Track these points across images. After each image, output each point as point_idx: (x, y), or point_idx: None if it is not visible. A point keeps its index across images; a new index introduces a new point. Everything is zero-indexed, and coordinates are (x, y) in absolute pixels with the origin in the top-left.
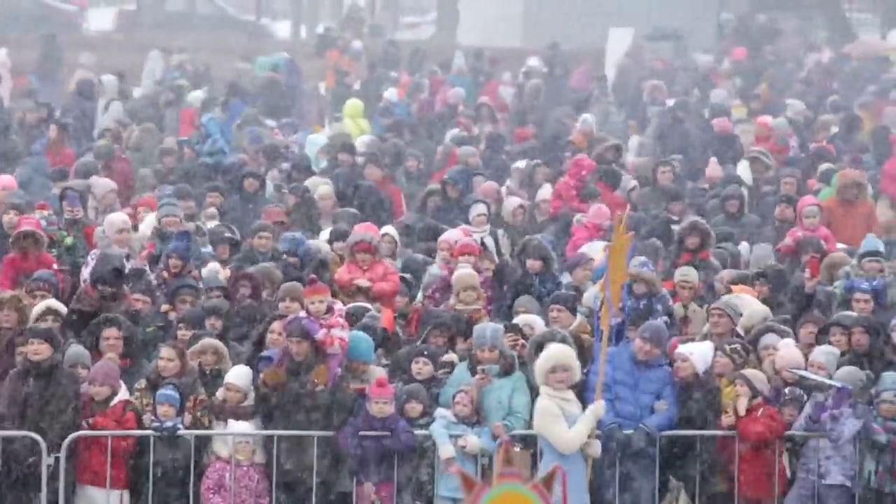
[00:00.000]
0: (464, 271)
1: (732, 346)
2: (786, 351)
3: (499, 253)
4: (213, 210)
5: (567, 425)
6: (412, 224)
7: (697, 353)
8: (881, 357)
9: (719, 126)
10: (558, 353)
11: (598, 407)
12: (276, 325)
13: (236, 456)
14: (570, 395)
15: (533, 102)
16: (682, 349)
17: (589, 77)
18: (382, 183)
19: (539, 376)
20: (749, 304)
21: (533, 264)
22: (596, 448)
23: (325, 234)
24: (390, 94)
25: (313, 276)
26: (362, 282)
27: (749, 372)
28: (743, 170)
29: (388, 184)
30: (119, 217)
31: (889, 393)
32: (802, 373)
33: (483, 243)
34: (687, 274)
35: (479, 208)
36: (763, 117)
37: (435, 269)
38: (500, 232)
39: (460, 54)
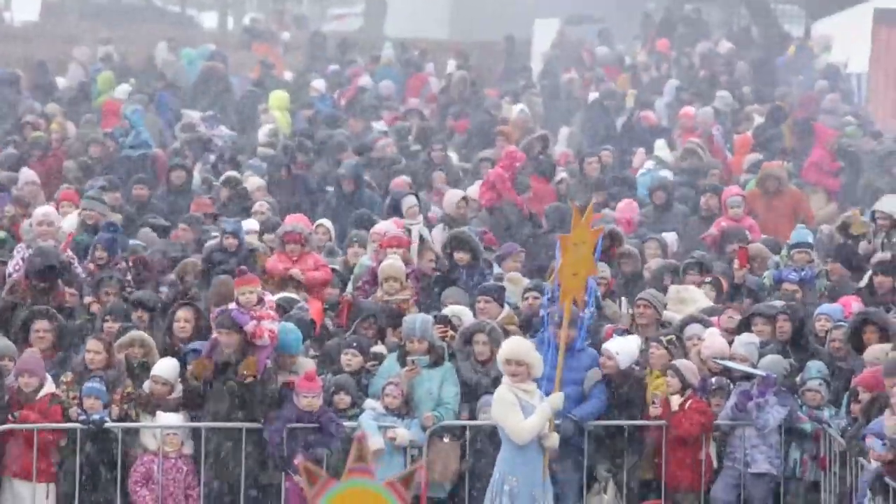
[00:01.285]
0: (388, 262)
1: (668, 337)
2: (711, 340)
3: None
4: None
5: (523, 416)
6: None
7: (624, 353)
8: (804, 346)
9: (647, 118)
10: (514, 345)
11: (555, 398)
12: (182, 314)
13: (164, 448)
14: (532, 386)
15: (461, 93)
16: (610, 346)
17: (509, 70)
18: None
19: (500, 366)
20: (696, 298)
21: (461, 256)
22: (554, 440)
23: (249, 223)
24: (318, 84)
25: (243, 266)
26: (296, 272)
27: (680, 363)
28: (660, 149)
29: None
30: (41, 210)
31: (814, 382)
32: (727, 363)
33: (421, 236)
34: (602, 271)
35: (410, 200)
36: (686, 108)
37: (365, 261)
38: (441, 225)
39: (389, 45)
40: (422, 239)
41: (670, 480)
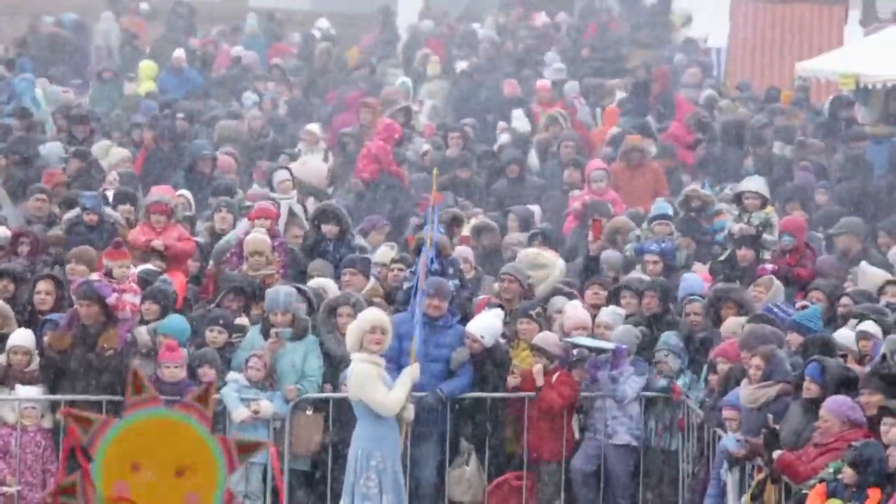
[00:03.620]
0: (252, 236)
1: (536, 310)
2: (573, 312)
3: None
4: None
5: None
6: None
7: (488, 333)
8: (666, 319)
9: (509, 89)
10: (379, 314)
11: (413, 369)
12: (42, 285)
13: (22, 421)
14: (382, 360)
15: (324, 65)
16: (473, 329)
17: (377, 42)
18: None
19: (353, 340)
20: (551, 261)
21: (330, 229)
22: (411, 412)
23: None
24: (179, 53)
25: (118, 239)
26: (157, 243)
27: (542, 337)
28: (517, 119)
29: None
30: None
31: (663, 353)
32: (576, 340)
33: (291, 210)
34: (462, 253)
35: (282, 174)
36: (543, 81)
37: (231, 235)
38: (311, 199)
39: (253, 16)
40: (292, 213)
41: (532, 452)
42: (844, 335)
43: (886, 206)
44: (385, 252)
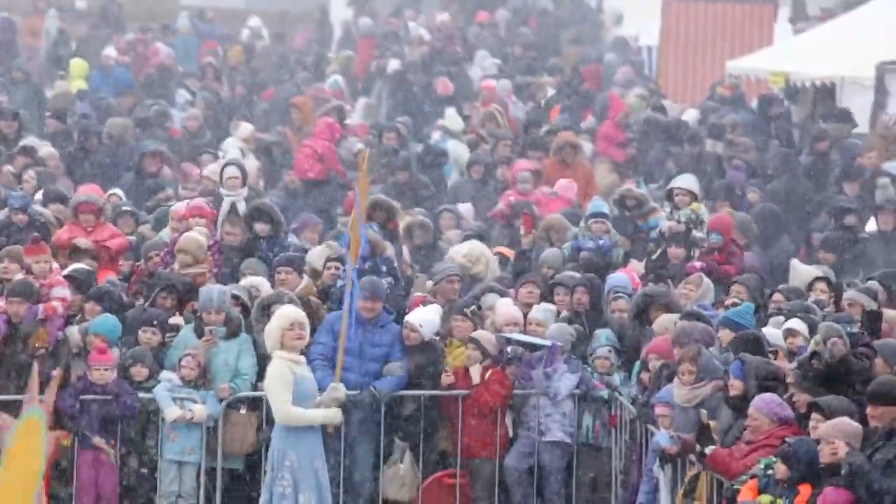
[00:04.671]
0: (185, 235)
1: (471, 308)
2: (504, 309)
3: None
4: None
5: (296, 389)
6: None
7: (427, 323)
8: (598, 315)
9: (442, 88)
10: (293, 310)
11: (337, 391)
12: None
13: None
14: (303, 358)
15: (262, 64)
16: (412, 319)
17: (311, 40)
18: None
19: (273, 339)
20: (486, 256)
21: (262, 227)
22: (336, 418)
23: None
24: (110, 51)
25: (36, 235)
26: (81, 241)
27: (479, 334)
28: (450, 118)
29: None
30: None
31: (603, 349)
32: (511, 335)
33: (234, 207)
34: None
35: (231, 170)
36: (487, 80)
37: (164, 233)
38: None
39: (185, 14)
40: (234, 211)
41: (466, 450)
42: (772, 333)
43: (818, 205)
44: (321, 251)
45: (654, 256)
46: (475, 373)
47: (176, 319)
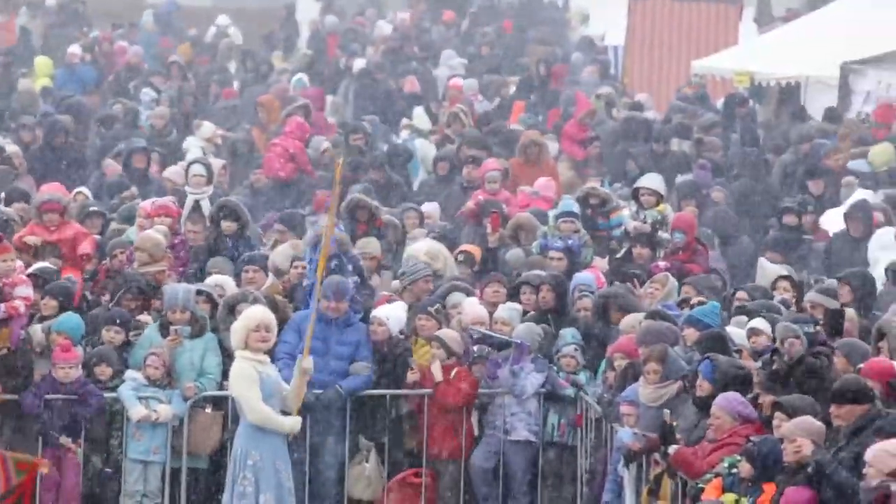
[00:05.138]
0: (142, 233)
1: (435, 307)
2: (470, 308)
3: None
4: None
5: (262, 388)
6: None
7: (393, 319)
8: (564, 314)
9: (409, 86)
10: (261, 311)
11: (306, 362)
12: None
13: None
14: (267, 358)
15: (226, 62)
16: (379, 313)
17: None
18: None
19: (238, 338)
20: (445, 254)
21: (228, 225)
22: (296, 425)
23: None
24: (74, 49)
25: None
26: (31, 239)
27: (444, 332)
28: (418, 117)
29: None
30: None
31: (569, 347)
32: (483, 330)
33: (199, 205)
34: (367, 244)
35: (197, 168)
36: (455, 80)
37: (130, 232)
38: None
39: (149, 12)
40: (198, 209)
41: (432, 449)
42: (736, 332)
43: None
44: (286, 250)
45: (618, 255)
46: (436, 370)
47: (144, 317)
